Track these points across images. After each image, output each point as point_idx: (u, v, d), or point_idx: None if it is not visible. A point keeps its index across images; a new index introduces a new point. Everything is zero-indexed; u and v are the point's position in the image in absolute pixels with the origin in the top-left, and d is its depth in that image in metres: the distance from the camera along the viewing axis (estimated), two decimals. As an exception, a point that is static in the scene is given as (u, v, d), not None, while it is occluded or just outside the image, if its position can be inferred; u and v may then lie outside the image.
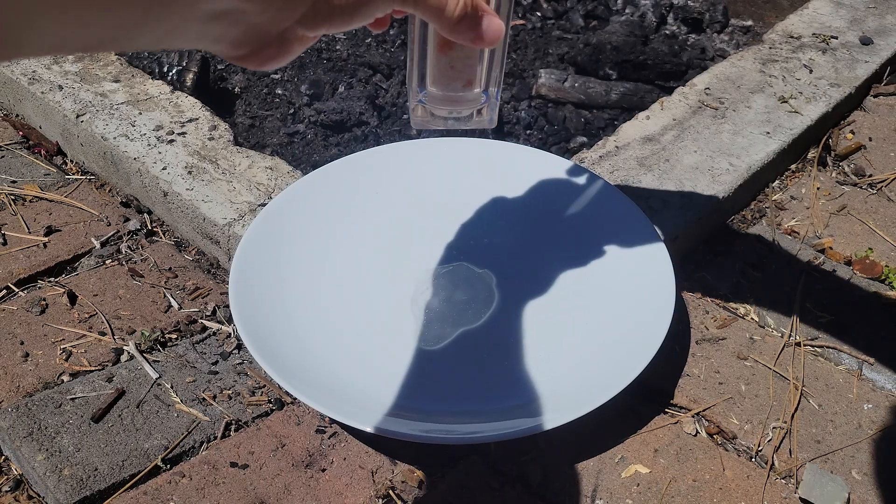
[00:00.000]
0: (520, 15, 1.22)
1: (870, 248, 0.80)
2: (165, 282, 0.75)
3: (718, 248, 0.80)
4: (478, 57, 0.46)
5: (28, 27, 0.22)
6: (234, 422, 0.62)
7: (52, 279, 0.76)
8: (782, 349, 0.69)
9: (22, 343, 0.68)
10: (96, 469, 0.58)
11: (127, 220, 0.83)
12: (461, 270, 0.73)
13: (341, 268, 0.72)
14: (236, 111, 1.00)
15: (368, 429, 0.56)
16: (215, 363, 0.67)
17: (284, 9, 0.29)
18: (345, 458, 0.60)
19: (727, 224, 0.83)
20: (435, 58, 0.46)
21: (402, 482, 0.58)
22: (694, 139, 0.87)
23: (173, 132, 0.86)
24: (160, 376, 0.66)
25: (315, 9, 0.30)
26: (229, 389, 0.65)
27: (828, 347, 0.69)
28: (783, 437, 0.61)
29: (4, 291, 0.74)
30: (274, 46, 0.31)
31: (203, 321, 0.71)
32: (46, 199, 0.85)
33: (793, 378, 0.66)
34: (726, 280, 0.76)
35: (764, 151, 0.86)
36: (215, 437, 0.61)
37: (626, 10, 1.24)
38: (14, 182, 0.88)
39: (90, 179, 0.89)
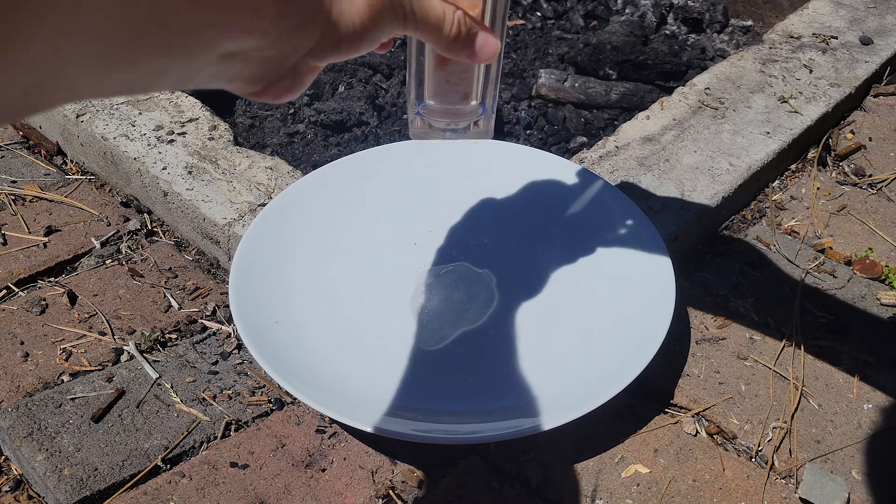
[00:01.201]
0: (520, 15, 1.22)
1: (870, 248, 0.80)
2: (165, 282, 0.75)
3: (718, 248, 0.80)
4: (473, 71, 0.47)
5: (72, 80, 0.24)
6: (234, 422, 0.62)
7: (52, 279, 0.76)
8: (782, 349, 0.69)
9: (22, 343, 0.68)
10: (96, 469, 0.58)
11: (127, 220, 0.83)
12: (461, 270, 0.73)
13: (341, 268, 0.72)
14: (236, 111, 1.00)
15: (368, 429, 0.56)
16: (215, 363, 0.67)
17: (294, 43, 0.31)
18: (345, 458, 0.60)
19: (727, 224, 0.83)
20: (433, 73, 0.47)
21: (402, 482, 0.58)
22: (694, 139, 0.87)
23: (173, 132, 0.86)
24: (160, 376, 0.66)
25: (322, 41, 0.31)
26: (229, 389, 0.65)
27: (828, 347, 0.69)
28: (783, 437, 0.61)
29: (4, 291, 0.74)
30: (287, 79, 0.33)
31: (203, 321, 0.71)
32: (46, 199, 0.85)
33: (793, 378, 0.66)
34: (726, 280, 0.76)
35: (764, 151, 0.86)
36: (215, 437, 0.61)
37: (626, 10, 1.24)
38: (14, 182, 0.88)
39: (90, 179, 0.89)
